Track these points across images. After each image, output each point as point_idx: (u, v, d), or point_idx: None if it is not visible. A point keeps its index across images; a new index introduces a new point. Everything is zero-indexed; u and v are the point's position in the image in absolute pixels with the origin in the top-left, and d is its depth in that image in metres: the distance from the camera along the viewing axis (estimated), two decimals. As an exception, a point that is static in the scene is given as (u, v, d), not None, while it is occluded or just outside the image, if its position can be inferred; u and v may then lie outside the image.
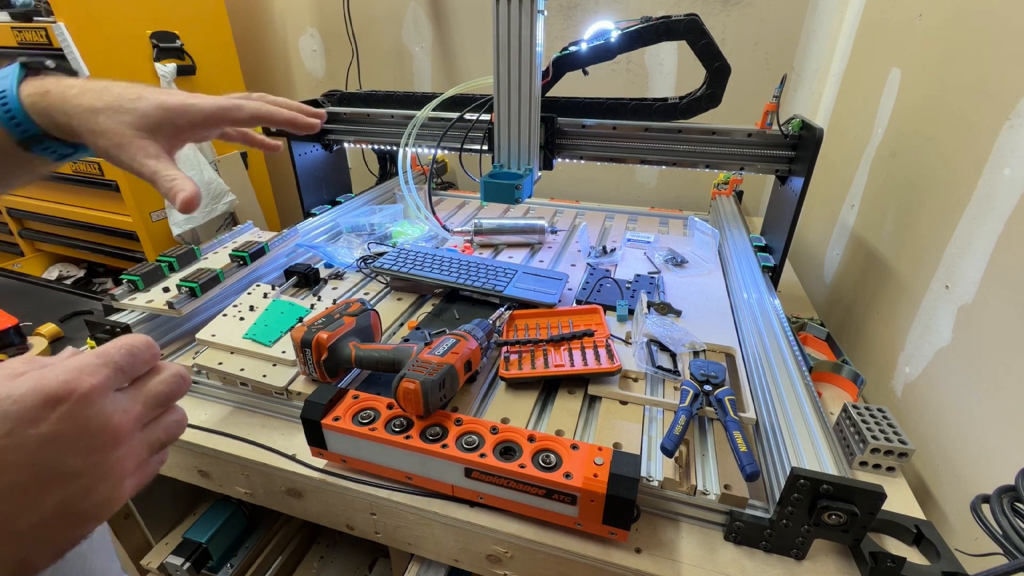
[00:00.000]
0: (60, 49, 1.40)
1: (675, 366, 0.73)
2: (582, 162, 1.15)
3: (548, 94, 1.04)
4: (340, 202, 1.35)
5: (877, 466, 0.63)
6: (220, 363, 0.74)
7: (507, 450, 0.56)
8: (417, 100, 1.22)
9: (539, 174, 1.07)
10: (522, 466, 0.53)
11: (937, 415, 0.74)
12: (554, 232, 1.20)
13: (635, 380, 0.72)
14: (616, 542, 0.55)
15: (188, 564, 0.86)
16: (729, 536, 0.56)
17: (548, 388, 0.72)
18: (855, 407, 0.66)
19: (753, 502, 0.55)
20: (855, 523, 0.49)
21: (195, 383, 0.77)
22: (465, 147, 1.11)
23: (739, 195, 1.43)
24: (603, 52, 0.97)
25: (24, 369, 0.26)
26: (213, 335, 0.77)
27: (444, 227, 1.19)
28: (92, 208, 1.76)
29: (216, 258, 0.92)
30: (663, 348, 0.76)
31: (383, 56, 1.85)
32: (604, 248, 1.13)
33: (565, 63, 1.00)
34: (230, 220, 1.81)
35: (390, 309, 0.92)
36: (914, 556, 0.54)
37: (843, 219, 1.17)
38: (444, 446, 0.56)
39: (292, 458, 0.64)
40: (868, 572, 0.50)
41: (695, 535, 0.57)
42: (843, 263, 1.15)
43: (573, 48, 0.98)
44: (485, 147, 1.10)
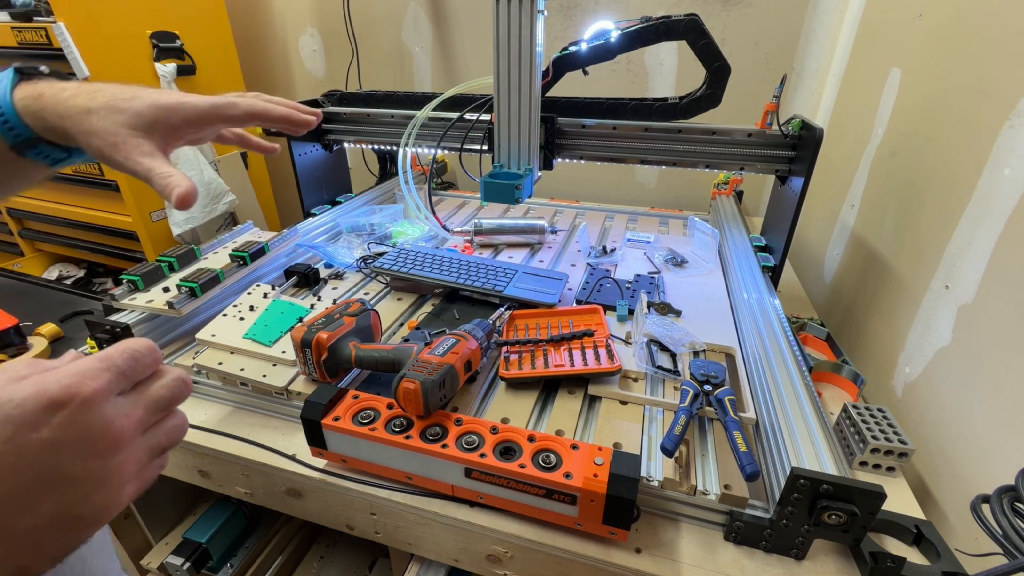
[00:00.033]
0: (60, 49, 1.40)
1: (675, 366, 0.73)
2: (582, 162, 1.15)
3: (548, 94, 1.04)
4: (340, 202, 1.35)
5: (877, 466, 0.63)
6: (220, 363, 0.74)
7: (507, 450, 0.56)
8: (417, 100, 1.22)
9: (539, 174, 1.07)
10: (522, 466, 0.53)
11: (937, 415, 0.74)
12: (554, 232, 1.20)
13: (635, 380, 0.72)
14: (616, 542, 0.55)
15: (188, 564, 0.86)
16: (729, 536, 0.56)
17: (548, 388, 0.72)
18: (855, 407, 0.66)
19: (753, 502, 0.55)
20: (855, 523, 0.49)
21: (195, 383, 0.77)
22: (465, 147, 1.11)
23: (739, 195, 1.43)
24: (603, 52, 0.97)
25: (26, 372, 0.26)
26: (213, 335, 0.77)
27: (444, 227, 1.19)
28: (92, 208, 1.77)
29: (216, 258, 0.92)
30: (663, 348, 0.76)
31: (383, 56, 1.85)
32: (604, 248, 1.13)
33: (565, 63, 1.00)
34: (230, 220, 1.81)
35: (390, 309, 0.92)
36: (914, 556, 0.54)
37: (843, 219, 1.17)
38: (444, 446, 0.56)
39: (292, 458, 0.65)
40: (868, 572, 0.50)
41: (695, 535, 0.57)
42: (843, 263, 1.15)
43: (573, 48, 0.98)
44: (485, 147, 1.10)
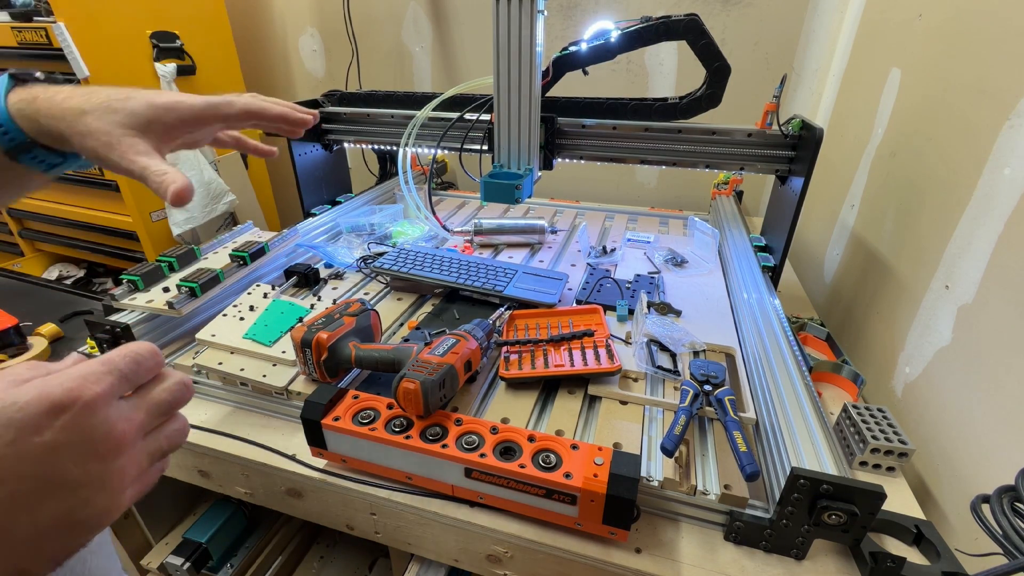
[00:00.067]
0: (60, 49, 1.40)
1: (675, 366, 0.73)
2: (582, 162, 1.15)
3: (548, 94, 1.04)
4: (340, 202, 1.35)
5: (877, 466, 0.63)
6: (220, 363, 0.74)
7: (507, 450, 0.56)
8: (417, 100, 1.22)
9: (539, 174, 1.07)
10: (522, 466, 0.53)
11: (937, 415, 0.74)
12: (554, 232, 1.20)
13: (635, 380, 0.72)
14: (616, 542, 0.55)
15: (188, 564, 0.86)
16: (729, 536, 0.56)
17: (548, 388, 0.72)
18: (855, 407, 0.66)
19: (753, 502, 0.55)
20: (855, 523, 0.49)
21: (195, 383, 0.76)
22: (465, 147, 1.11)
23: (739, 195, 1.43)
24: (603, 52, 0.97)
25: (29, 375, 0.26)
26: (213, 335, 0.77)
27: (444, 227, 1.19)
28: (92, 208, 1.77)
29: (216, 258, 0.92)
30: (663, 348, 0.76)
31: (383, 56, 1.85)
32: (604, 248, 1.13)
33: (565, 63, 1.00)
34: (230, 220, 1.81)
35: (390, 309, 0.92)
36: (914, 556, 0.54)
37: (843, 219, 1.17)
38: (444, 446, 0.56)
39: (292, 458, 0.64)
40: (868, 572, 0.50)
41: (695, 535, 0.57)
42: (843, 263, 1.15)
43: (573, 48, 0.98)
44: (485, 147, 1.10)
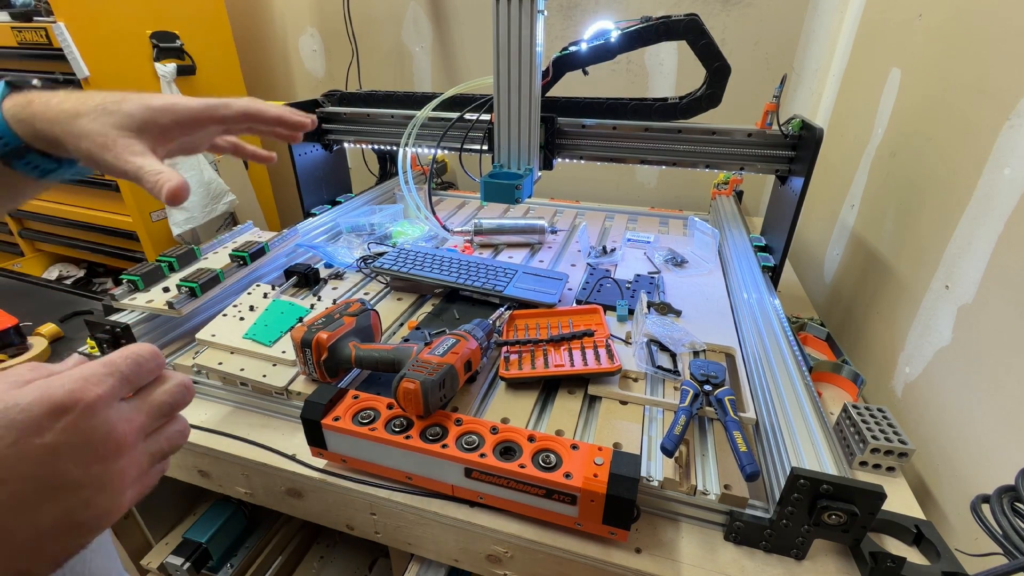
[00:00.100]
0: (60, 49, 1.40)
1: (675, 366, 0.73)
2: (582, 162, 1.15)
3: (548, 94, 1.04)
4: (340, 202, 1.35)
5: (877, 466, 0.63)
6: (220, 363, 0.74)
7: (507, 450, 0.56)
8: (417, 100, 1.22)
9: (539, 174, 1.07)
10: (522, 466, 0.53)
11: (937, 415, 0.74)
12: (554, 232, 1.20)
13: (635, 380, 0.72)
14: (616, 542, 0.55)
15: (188, 564, 0.86)
16: (729, 536, 0.56)
17: (548, 388, 0.72)
18: (855, 407, 0.66)
19: (753, 502, 0.55)
20: (855, 523, 0.49)
21: (195, 383, 0.76)
22: (465, 147, 1.11)
23: (739, 195, 1.43)
24: (603, 52, 0.97)
25: (30, 377, 0.26)
26: (213, 335, 0.77)
27: (444, 227, 1.19)
28: (92, 208, 1.76)
29: (216, 258, 0.92)
30: (663, 348, 0.76)
31: (383, 56, 1.85)
32: (604, 248, 1.13)
33: (565, 63, 1.00)
34: (230, 220, 1.81)
35: (390, 309, 0.92)
36: (914, 556, 0.54)
37: (843, 219, 1.17)
38: (444, 446, 0.56)
39: (292, 458, 0.64)
40: (868, 572, 0.50)
41: (695, 535, 0.57)
42: (843, 263, 1.15)
43: (573, 48, 0.98)
44: (485, 147, 1.10)
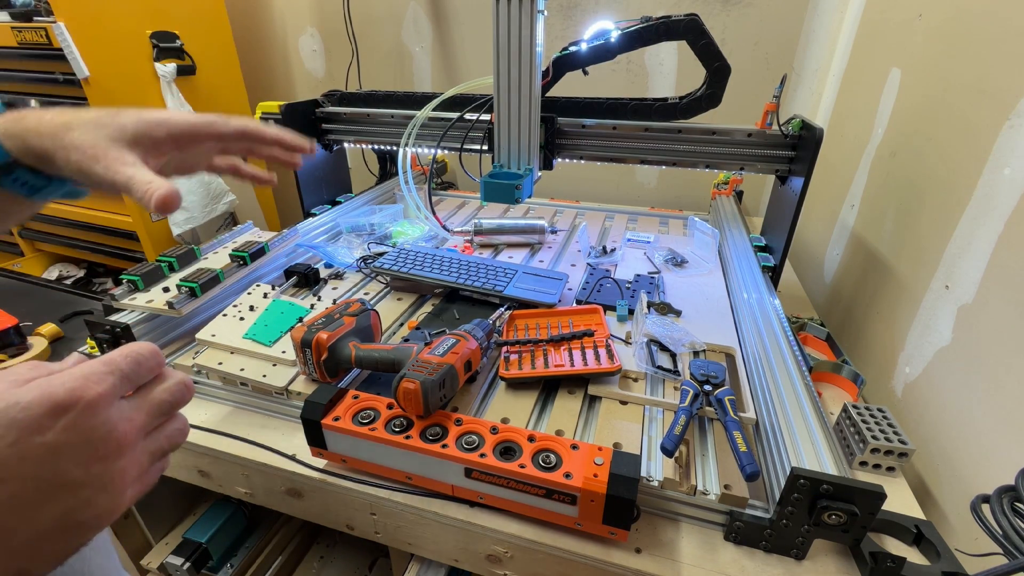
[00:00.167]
0: (60, 49, 1.40)
1: (675, 366, 0.73)
2: (582, 162, 1.15)
3: (548, 94, 1.04)
4: (340, 202, 1.35)
5: (877, 466, 0.63)
6: (220, 363, 0.74)
7: (507, 450, 0.56)
8: (417, 100, 1.22)
9: (539, 174, 1.07)
10: (522, 466, 0.53)
11: (937, 415, 0.74)
12: (554, 232, 1.20)
13: (635, 380, 0.72)
14: (616, 542, 0.55)
15: (188, 564, 0.86)
16: (729, 536, 0.56)
17: (548, 388, 0.72)
18: (855, 407, 0.66)
19: (753, 502, 0.55)
20: (855, 523, 0.49)
21: (195, 383, 0.76)
22: (465, 147, 1.11)
23: (739, 195, 1.43)
24: (603, 52, 0.97)
25: (31, 375, 0.26)
26: (213, 335, 0.77)
27: (444, 227, 1.19)
28: (92, 208, 1.76)
29: (216, 258, 0.92)
30: (663, 348, 0.76)
31: (383, 56, 1.85)
32: (604, 248, 1.13)
33: (565, 63, 1.00)
34: (230, 220, 1.81)
35: (390, 309, 0.92)
36: (914, 556, 0.54)
37: (843, 219, 1.17)
38: (444, 446, 0.56)
39: (292, 458, 0.64)
40: (868, 572, 0.50)
41: (695, 535, 0.57)
42: (843, 263, 1.15)
43: (573, 48, 0.98)
44: (485, 147, 1.10)
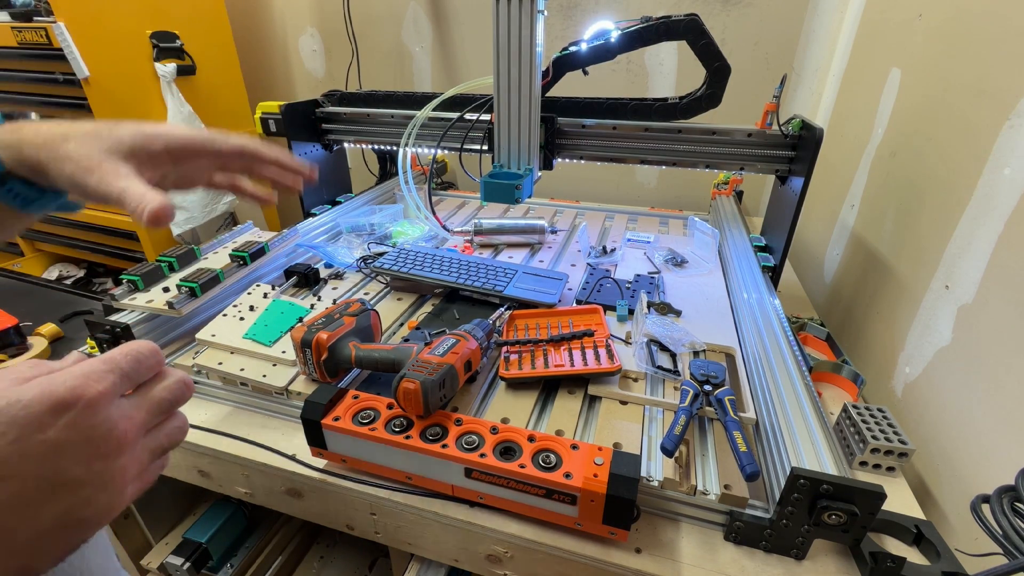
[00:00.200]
0: (60, 49, 1.40)
1: (675, 366, 0.73)
2: (582, 162, 1.15)
3: (548, 94, 1.04)
4: (340, 202, 1.35)
5: (877, 466, 0.63)
6: (220, 363, 0.74)
7: (507, 450, 0.56)
8: (417, 100, 1.22)
9: (539, 174, 1.07)
10: (522, 466, 0.53)
11: (937, 415, 0.74)
12: (554, 232, 1.20)
13: (635, 380, 0.72)
14: (616, 542, 0.55)
15: (188, 564, 0.86)
16: (729, 536, 0.56)
17: (548, 388, 0.72)
18: (855, 407, 0.66)
19: (753, 502, 0.55)
20: (855, 523, 0.49)
21: (195, 383, 0.76)
22: (465, 147, 1.11)
23: (739, 195, 1.43)
24: (603, 52, 0.97)
25: (31, 374, 0.26)
26: (213, 335, 0.77)
27: (444, 227, 1.19)
28: (92, 208, 1.76)
29: (216, 258, 0.92)
30: (663, 348, 0.76)
31: (383, 56, 1.85)
32: (604, 248, 1.13)
33: (565, 63, 1.00)
34: (230, 220, 1.81)
35: (390, 309, 0.92)
36: (914, 556, 0.54)
37: (843, 219, 1.17)
38: (444, 446, 0.56)
39: (292, 458, 0.64)
40: (868, 572, 0.50)
41: (695, 535, 0.57)
42: (843, 263, 1.15)
43: (573, 48, 0.98)
44: (485, 147, 1.10)
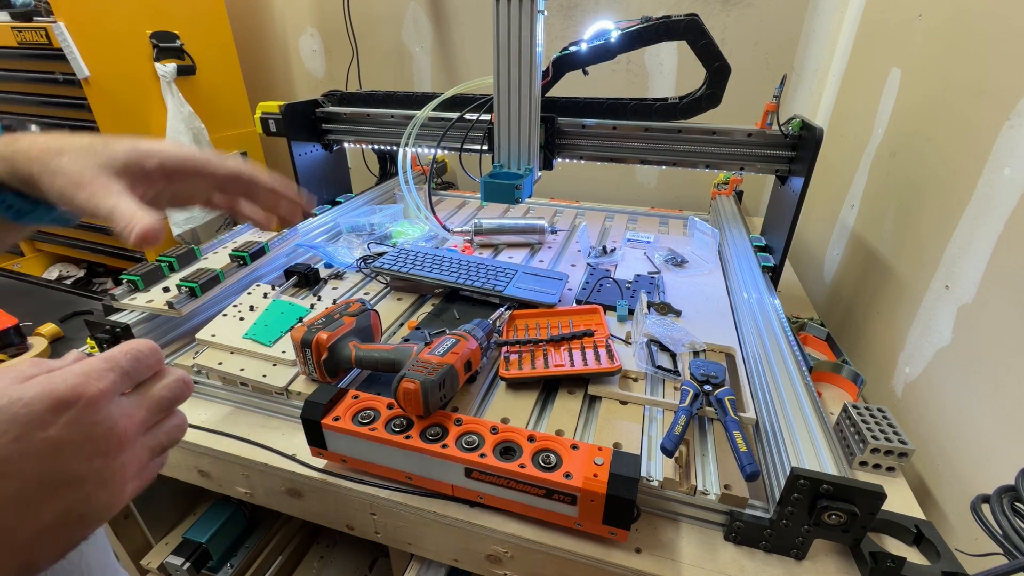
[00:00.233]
0: (60, 49, 1.40)
1: (675, 366, 0.73)
2: (582, 162, 1.15)
3: (548, 94, 1.04)
4: (340, 202, 1.35)
5: (877, 466, 0.63)
6: (220, 363, 0.74)
7: (507, 450, 0.56)
8: (417, 100, 1.22)
9: (539, 174, 1.07)
10: (522, 466, 0.53)
11: (937, 415, 0.74)
12: (554, 232, 1.20)
13: (635, 380, 0.72)
14: (616, 542, 0.55)
15: (188, 564, 0.86)
16: (729, 536, 0.56)
17: (548, 388, 0.72)
18: (855, 407, 0.66)
19: (753, 502, 0.55)
20: (855, 523, 0.49)
21: (195, 383, 0.76)
22: (465, 147, 1.11)
23: (739, 195, 1.43)
24: (603, 52, 0.97)
25: (32, 372, 0.26)
26: (213, 335, 0.77)
27: (444, 227, 1.19)
28: (92, 208, 1.76)
29: (216, 258, 0.92)
30: (663, 348, 0.76)
31: (383, 56, 1.85)
32: (604, 248, 1.13)
33: (565, 63, 1.00)
34: (230, 220, 1.81)
35: (390, 309, 0.92)
36: (914, 556, 0.54)
37: (843, 219, 1.17)
38: (444, 446, 0.56)
39: (292, 458, 0.64)
40: (868, 572, 0.50)
41: (695, 535, 0.57)
42: (843, 263, 1.15)
43: (573, 48, 0.98)
44: (485, 147, 1.10)
